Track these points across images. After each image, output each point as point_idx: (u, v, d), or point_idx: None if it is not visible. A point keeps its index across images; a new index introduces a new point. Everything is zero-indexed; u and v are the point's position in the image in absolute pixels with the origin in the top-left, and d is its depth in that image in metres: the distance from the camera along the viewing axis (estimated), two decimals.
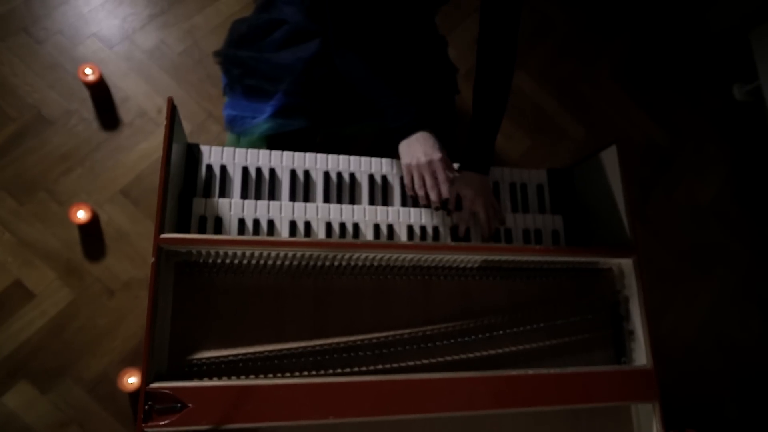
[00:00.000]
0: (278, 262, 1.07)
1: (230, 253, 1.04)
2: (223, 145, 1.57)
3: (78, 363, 1.68)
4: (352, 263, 1.10)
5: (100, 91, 1.88)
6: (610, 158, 1.30)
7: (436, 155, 1.18)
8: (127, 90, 1.93)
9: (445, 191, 1.18)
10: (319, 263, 1.08)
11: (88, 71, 1.80)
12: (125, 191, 1.83)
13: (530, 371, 1.07)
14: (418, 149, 1.19)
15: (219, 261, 1.05)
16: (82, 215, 1.71)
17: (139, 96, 1.93)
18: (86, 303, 1.72)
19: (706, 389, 2.14)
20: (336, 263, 1.09)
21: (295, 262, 1.07)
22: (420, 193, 1.20)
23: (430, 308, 1.13)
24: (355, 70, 1.27)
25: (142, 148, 1.89)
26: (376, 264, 1.11)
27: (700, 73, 2.57)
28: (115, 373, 1.67)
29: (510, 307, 1.17)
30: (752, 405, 2.17)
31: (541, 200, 1.39)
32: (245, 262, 1.05)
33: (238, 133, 1.47)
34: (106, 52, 1.93)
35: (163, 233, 0.99)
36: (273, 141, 1.47)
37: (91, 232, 1.77)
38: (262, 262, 1.06)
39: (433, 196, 1.19)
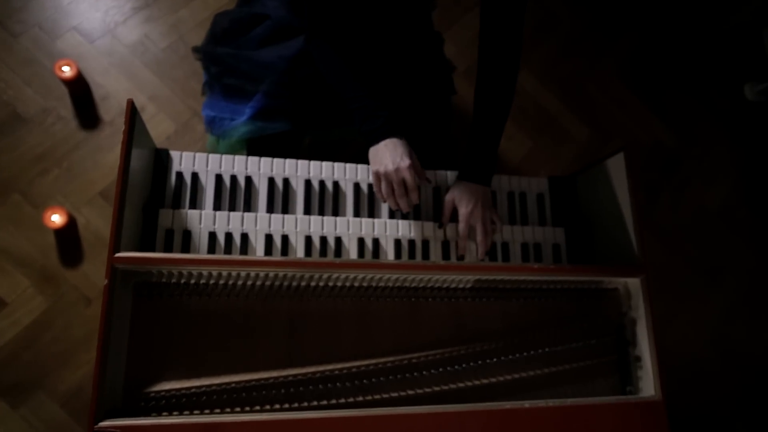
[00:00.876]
0: (249, 283, 0.95)
1: (195, 273, 0.92)
2: (209, 145, 1.47)
3: (51, 376, 1.57)
4: (331, 284, 0.98)
5: (78, 87, 1.77)
6: (616, 166, 1.18)
7: (404, 162, 1.07)
8: (108, 87, 1.81)
9: (414, 198, 1.10)
10: (294, 283, 0.97)
11: (65, 68, 1.69)
12: (104, 194, 1.72)
13: (527, 403, 0.96)
14: (385, 156, 1.08)
15: (183, 281, 0.93)
16: (56, 219, 1.60)
17: (121, 93, 1.82)
18: (61, 312, 1.62)
19: (713, 406, 2.03)
20: (313, 284, 0.98)
21: (268, 282, 0.96)
22: (388, 198, 1.11)
23: (417, 333, 1.01)
24: (327, 63, 1.15)
25: None
26: (357, 284, 0.99)
27: (709, 72, 2.43)
28: (90, 386, 1.56)
29: (505, 332, 1.05)
30: (765, 424, 2.05)
31: (542, 211, 1.27)
32: (212, 282, 0.94)
33: (217, 135, 1.36)
34: (86, 47, 1.82)
35: (118, 251, 0.88)
36: (254, 145, 1.36)
37: (68, 236, 1.66)
38: (231, 282, 0.95)
39: (402, 205, 1.11)
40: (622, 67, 2.33)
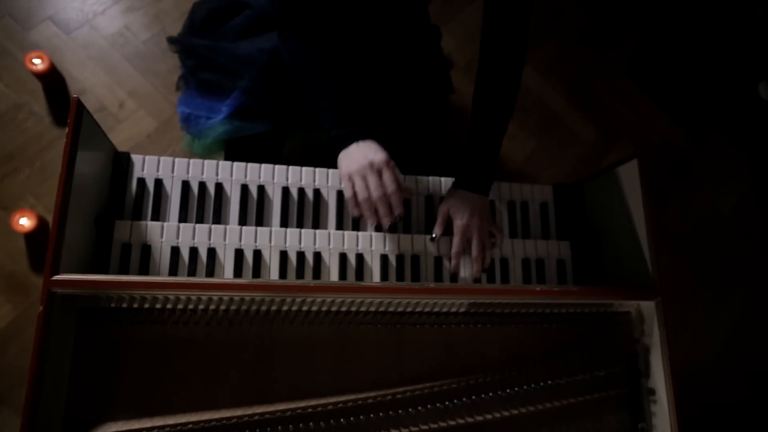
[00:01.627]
0: (212, 307, 0.83)
1: (149, 297, 0.80)
2: (185, 145, 1.35)
3: (19, 390, 1.45)
4: (306, 308, 0.85)
5: (53, 82, 1.64)
6: (629, 174, 1.05)
7: (379, 156, 0.93)
8: (85, 81, 1.68)
9: (397, 203, 0.93)
10: (264, 308, 0.84)
11: (36, 60, 1.56)
12: None
13: None
14: (357, 154, 0.94)
15: (135, 306, 0.81)
16: (25, 223, 1.47)
17: (99, 88, 1.69)
18: (31, 322, 1.49)
19: (722, 419, 1.89)
20: (285, 308, 0.85)
21: (234, 307, 0.83)
22: (363, 204, 0.94)
23: (403, 364, 0.88)
24: (297, 60, 1.02)
25: None
26: (335, 309, 0.86)
27: (722, 70, 2.29)
28: None
29: (503, 362, 0.92)
30: None
31: (545, 222, 1.13)
32: (169, 307, 0.81)
33: (193, 134, 1.23)
34: (62, 39, 1.69)
35: (57, 273, 0.76)
36: (232, 147, 1.23)
37: (39, 241, 1.54)
38: (190, 307, 0.82)
39: (381, 213, 0.94)
40: (631, 64, 2.19)
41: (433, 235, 1.03)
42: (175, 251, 0.92)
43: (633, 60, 2.20)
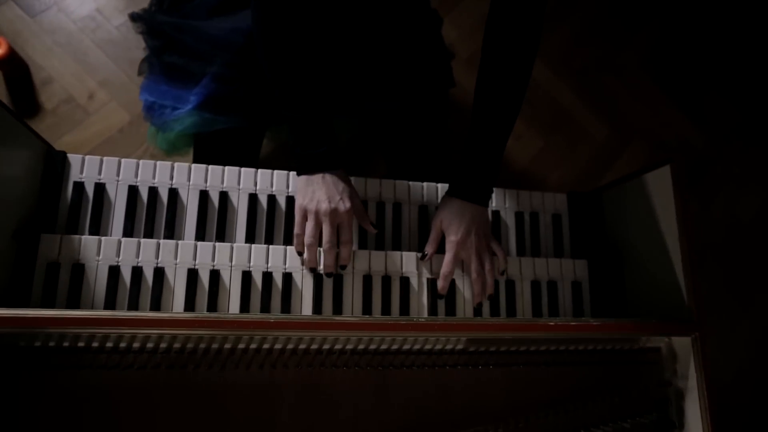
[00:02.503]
0: (149, 345, 0.66)
1: (67, 334, 0.63)
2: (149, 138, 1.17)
3: None
4: (267, 345, 0.68)
5: (15, 69, 1.47)
6: (659, 182, 0.87)
7: (344, 204, 0.80)
8: (51, 69, 1.51)
9: (346, 256, 0.81)
10: (215, 346, 0.67)
11: None
12: None
13: None
14: (320, 191, 0.80)
15: (52, 344, 0.64)
16: None
17: (66, 77, 1.52)
18: None
19: None
20: (242, 345, 0.68)
21: (177, 345, 0.66)
22: (309, 249, 0.80)
23: (386, 415, 0.71)
24: (271, 47, 0.83)
25: (68, 141, 1.48)
26: (304, 347, 0.69)
27: (742, 65, 2.11)
28: None
29: (507, 411, 0.75)
30: None
31: (558, 237, 0.96)
32: (95, 345, 0.65)
33: (156, 126, 1.06)
34: (26, 22, 1.52)
35: None
36: (202, 144, 1.06)
37: None
38: (122, 345, 0.65)
39: (327, 261, 0.81)
40: (645, 58, 2.01)
41: (424, 253, 0.85)
42: (114, 272, 0.75)
43: (648, 54, 2.02)
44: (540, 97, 1.86)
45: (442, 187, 0.94)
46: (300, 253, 0.81)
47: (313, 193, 0.80)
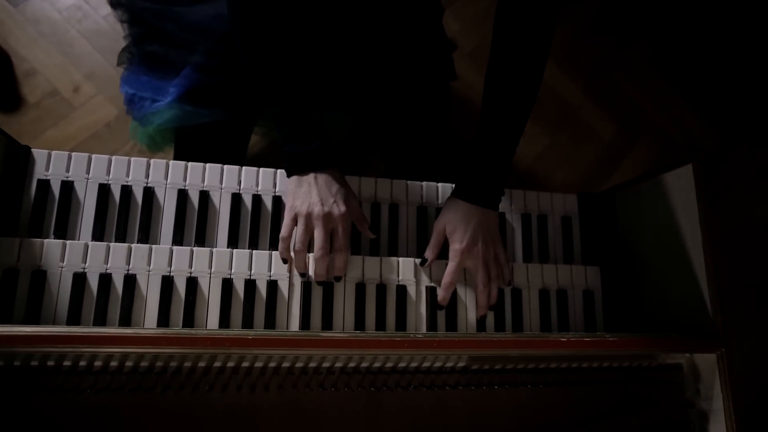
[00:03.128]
0: (113, 364, 0.58)
1: (18, 354, 0.55)
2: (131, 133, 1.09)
3: None
4: (246, 364, 0.61)
5: None
6: (679, 183, 0.79)
7: (339, 208, 0.73)
8: (35, 61, 1.44)
9: (341, 265, 0.74)
10: (188, 364, 0.59)
11: None
12: None
13: None
14: (312, 193, 0.73)
15: (3, 365, 0.56)
16: None
17: (51, 69, 1.44)
18: None
19: None
20: (218, 364, 0.60)
21: (144, 364, 0.59)
22: (297, 255, 0.73)
23: None
24: (253, 34, 0.76)
25: (52, 136, 1.40)
26: (287, 365, 0.62)
27: (755, 61, 2.03)
28: None
29: None
30: None
31: (568, 241, 0.88)
32: (50, 364, 0.57)
33: (136, 120, 0.99)
34: (7, 11, 1.44)
35: None
36: (184, 139, 0.98)
37: None
38: (82, 364, 0.57)
39: (318, 269, 0.73)
40: (654, 53, 1.93)
41: (424, 259, 0.78)
42: (80, 279, 0.67)
43: (656, 49, 1.94)
44: (545, 94, 1.78)
45: (442, 187, 0.86)
46: (285, 261, 0.73)
47: (305, 195, 0.73)
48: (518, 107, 0.78)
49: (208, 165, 0.78)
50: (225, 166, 0.79)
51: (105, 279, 0.68)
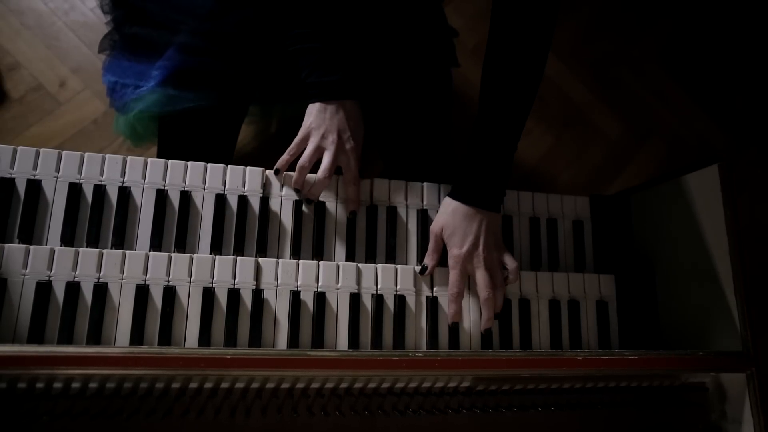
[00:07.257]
0: (75, 386, 0.51)
1: None
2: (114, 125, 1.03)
3: None
4: (227, 385, 0.54)
5: None
6: (703, 185, 0.73)
7: (351, 143, 0.76)
8: (18, 55, 1.37)
9: (353, 196, 0.75)
10: (159, 386, 0.53)
11: None
12: None
13: None
14: (334, 120, 0.76)
15: None
16: None
17: (35, 63, 1.38)
18: None
19: None
20: (193, 385, 0.54)
21: (111, 385, 0.52)
22: (302, 170, 0.73)
23: None
24: None
25: (36, 132, 1.34)
26: (273, 386, 0.55)
27: (766, 60, 1.97)
28: None
29: None
30: None
31: (580, 248, 0.81)
32: (2, 386, 0.50)
33: (117, 109, 0.93)
34: None
35: None
36: (168, 128, 0.91)
37: None
38: (40, 386, 0.51)
39: (315, 189, 0.74)
40: (663, 50, 1.87)
41: (424, 266, 0.71)
42: (44, 288, 0.61)
43: (665, 47, 1.88)
44: (550, 92, 1.72)
45: (444, 189, 0.79)
46: (277, 172, 0.74)
47: (326, 120, 0.76)
48: (518, 99, 0.72)
49: (190, 163, 0.72)
50: (208, 165, 0.72)
51: (72, 288, 0.61)
